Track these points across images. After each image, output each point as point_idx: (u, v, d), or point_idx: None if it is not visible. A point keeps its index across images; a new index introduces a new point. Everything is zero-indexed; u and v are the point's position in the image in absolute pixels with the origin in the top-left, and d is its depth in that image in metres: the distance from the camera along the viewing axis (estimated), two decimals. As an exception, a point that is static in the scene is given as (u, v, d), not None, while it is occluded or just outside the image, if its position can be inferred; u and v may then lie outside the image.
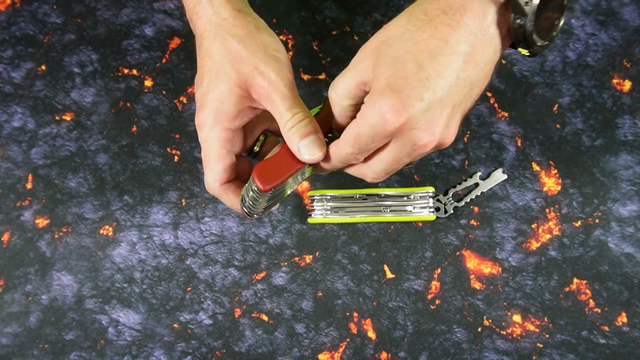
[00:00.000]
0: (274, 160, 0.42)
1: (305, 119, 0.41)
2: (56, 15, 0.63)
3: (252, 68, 0.42)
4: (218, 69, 0.43)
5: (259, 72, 0.41)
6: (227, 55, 0.43)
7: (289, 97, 0.41)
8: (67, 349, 0.57)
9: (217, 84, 0.43)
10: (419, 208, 0.57)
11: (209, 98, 0.43)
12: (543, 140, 0.59)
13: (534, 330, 0.56)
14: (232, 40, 0.43)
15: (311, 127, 0.41)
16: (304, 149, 0.41)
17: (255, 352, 0.57)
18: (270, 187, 0.41)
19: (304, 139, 0.41)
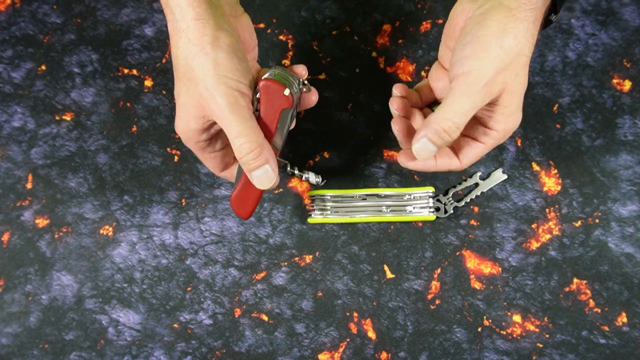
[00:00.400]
0: (244, 189, 0.46)
1: (254, 149, 0.42)
2: (56, 15, 0.63)
3: (202, 90, 0.41)
4: (180, 84, 0.43)
5: (209, 96, 0.41)
6: (185, 73, 0.42)
7: (235, 123, 0.41)
8: (67, 349, 0.57)
9: (182, 102, 0.43)
10: (419, 208, 0.57)
11: (178, 111, 0.44)
12: (543, 140, 0.59)
13: (534, 330, 0.56)
14: (187, 57, 0.41)
15: (261, 158, 0.42)
16: (255, 180, 0.44)
17: (255, 352, 0.57)
18: (250, 215, 0.47)
19: (254, 170, 0.43)
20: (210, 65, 0.41)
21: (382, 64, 0.61)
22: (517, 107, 0.44)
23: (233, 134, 0.41)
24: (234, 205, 0.47)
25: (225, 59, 0.41)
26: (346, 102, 0.61)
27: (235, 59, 0.42)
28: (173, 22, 0.42)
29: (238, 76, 0.42)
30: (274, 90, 0.44)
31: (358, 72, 0.61)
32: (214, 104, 0.41)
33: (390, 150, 0.60)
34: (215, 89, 0.41)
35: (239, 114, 0.41)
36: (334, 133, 0.60)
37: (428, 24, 0.62)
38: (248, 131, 0.42)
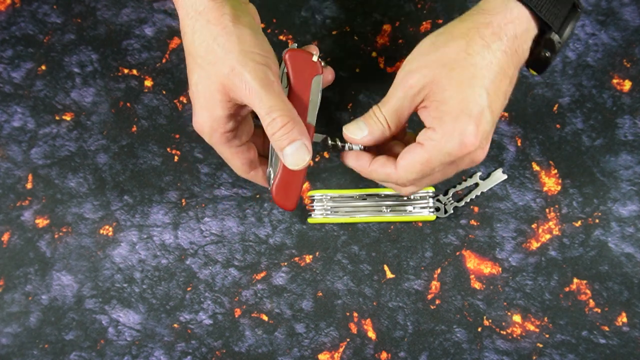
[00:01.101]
0: (283, 178, 0.43)
1: (287, 123, 0.40)
2: (56, 15, 0.63)
3: (228, 69, 0.39)
4: (201, 72, 0.41)
5: (235, 74, 0.39)
6: (204, 56, 0.40)
7: (266, 98, 0.39)
8: (67, 349, 0.57)
9: (202, 90, 0.41)
10: (419, 208, 0.57)
11: (199, 102, 0.42)
12: (543, 140, 0.59)
13: (534, 330, 0.56)
14: (207, 39, 0.40)
15: (295, 132, 0.40)
16: (288, 158, 0.41)
17: (255, 352, 0.57)
18: (295, 206, 0.44)
19: (287, 147, 0.40)
20: (235, 42, 0.39)
21: (382, 64, 0.61)
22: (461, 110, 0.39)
23: (264, 110, 0.39)
24: (277, 196, 0.43)
25: (249, 34, 0.40)
26: (346, 102, 0.61)
27: (258, 35, 0.41)
28: (186, 6, 0.41)
29: (263, 51, 0.40)
30: (302, 59, 0.42)
31: (358, 72, 0.61)
32: (242, 81, 0.39)
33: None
34: (243, 66, 0.39)
35: (269, 88, 0.39)
36: (334, 133, 0.60)
37: (428, 24, 0.62)
38: (280, 105, 0.40)
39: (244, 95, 0.40)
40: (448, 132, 0.39)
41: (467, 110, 0.39)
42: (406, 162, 0.41)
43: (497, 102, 0.40)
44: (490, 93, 0.39)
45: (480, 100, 0.39)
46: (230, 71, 0.39)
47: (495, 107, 0.40)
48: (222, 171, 0.59)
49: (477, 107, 0.39)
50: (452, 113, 0.39)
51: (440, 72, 0.40)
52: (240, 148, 0.44)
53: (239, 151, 0.44)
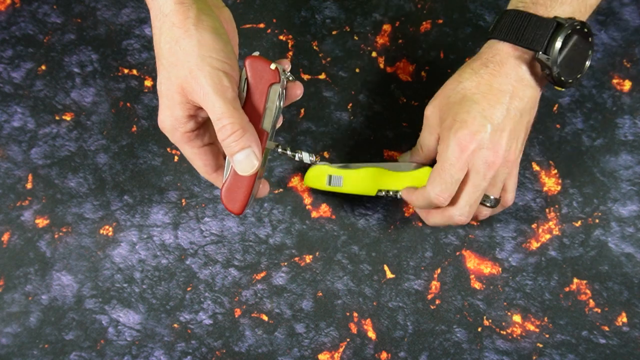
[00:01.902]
0: (234, 180, 0.45)
1: (237, 130, 0.41)
2: (56, 15, 0.63)
3: (186, 72, 0.41)
4: (164, 73, 0.42)
5: (192, 77, 0.40)
6: (167, 58, 0.42)
7: (218, 104, 0.40)
8: (67, 349, 0.57)
9: (165, 90, 0.43)
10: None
11: (161, 102, 0.43)
12: (543, 140, 0.59)
13: (534, 330, 0.56)
14: (170, 41, 0.41)
15: (244, 140, 0.42)
16: (237, 165, 0.43)
17: (255, 352, 0.57)
18: (242, 210, 0.45)
19: (236, 153, 0.42)
20: (194, 45, 0.40)
21: (382, 64, 0.61)
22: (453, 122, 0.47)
23: (216, 116, 0.41)
24: (225, 198, 0.45)
25: (209, 39, 0.41)
26: (346, 102, 0.61)
27: (219, 40, 0.41)
28: (155, 8, 0.42)
29: (222, 56, 0.41)
30: (260, 66, 0.43)
31: (358, 72, 0.61)
32: (198, 84, 0.40)
33: (390, 150, 0.60)
34: (200, 69, 0.40)
35: (222, 94, 0.40)
36: (334, 133, 0.60)
37: (428, 24, 0.62)
38: (231, 112, 0.41)
39: (199, 98, 0.41)
40: (447, 141, 0.47)
41: (460, 120, 0.46)
42: (429, 178, 0.48)
43: (496, 111, 0.46)
44: (481, 103, 0.46)
45: (470, 110, 0.46)
46: (188, 74, 0.41)
47: (494, 115, 0.46)
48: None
49: (470, 116, 0.46)
50: (448, 126, 0.47)
51: (441, 102, 0.49)
52: (203, 149, 0.45)
53: (201, 152, 0.46)
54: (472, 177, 0.47)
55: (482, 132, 0.46)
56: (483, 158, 0.46)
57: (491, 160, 0.46)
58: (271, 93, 0.44)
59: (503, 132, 0.46)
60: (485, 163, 0.46)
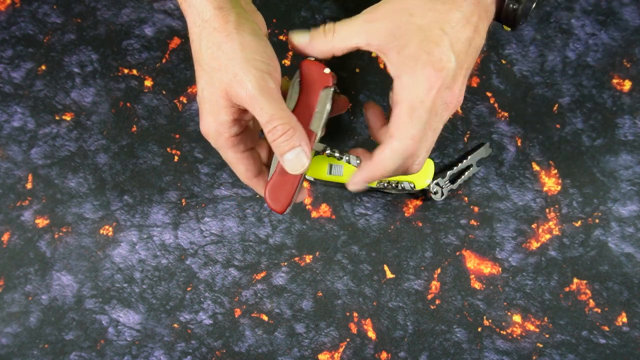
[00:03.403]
0: (279, 179, 0.44)
1: (287, 130, 0.41)
2: (56, 15, 0.63)
3: (231, 77, 0.41)
4: (206, 78, 0.42)
5: (237, 81, 0.40)
6: (209, 63, 0.42)
7: (267, 106, 0.40)
8: (67, 349, 0.57)
9: (208, 95, 0.42)
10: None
11: (205, 106, 0.43)
12: (543, 140, 0.59)
13: (534, 330, 0.56)
14: (212, 46, 0.41)
15: (294, 139, 0.41)
16: (287, 164, 0.42)
17: (255, 352, 0.57)
18: (285, 209, 0.44)
19: (287, 152, 0.42)
20: (238, 48, 0.40)
21: (382, 64, 0.61)
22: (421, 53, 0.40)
23: (265, 118, 0.40)
24: (269, 197, 0.44)
25: (252, 41, 0.41)
26: (346, 102, 0.61)
27: (261, 42, 0.42)
28: (193, 15, 0.42)
29: (265, 58, 0.41)
30: (314, 70, 0.44)
31: (358, 72, 0.61)
32: (244, 88, 0.40)
33: (390, 150, 0.60)
34: (245, 72, 0.40)
35: (270, 96, 0.40)
36: (334, 133, 0.60)
37: (428, 24, 0.62)
38: (281, 114, 0.41)
39: (245, 102, 0.41)
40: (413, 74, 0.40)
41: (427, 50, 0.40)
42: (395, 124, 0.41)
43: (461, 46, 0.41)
44: (449, 34, 0.40)
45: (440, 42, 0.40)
46: (232, 78, 0.40)
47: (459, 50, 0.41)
48: (222, 171, 0.59)
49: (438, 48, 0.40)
50: (413, 56, 0.40)
51: (400, 18, 0.41)
52: (245, 154, 0.45)
53: (244, 157, 0.45)
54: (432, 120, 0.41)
55: (448, 68, 0.40)
56: (443, 98, 0.41)
57: (449, 100, 0.41)
58: (322, 96, 0.44)
59: (461, 69, 0.41)
60: (444, 104, 0.41)
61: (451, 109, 0.42)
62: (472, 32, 0.41)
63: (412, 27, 0.41)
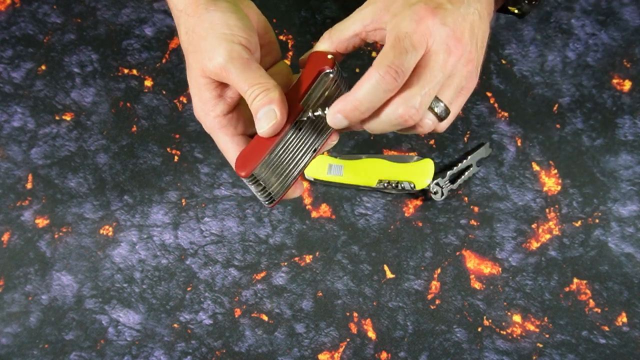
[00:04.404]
0: (253, 143, 0.42)
1: (261, 92, 0.41)
2: (56, 15, 0.63)
3: (202, 55, 0.41)
4: (188, 63, 0.44)
5: (209, 58, 0.41)
6: (187, 48, 0.43)
7: (241, 74, 0.41)
8: (67, 349, 0.57)
9: (190, 79, 0.44)
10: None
11: (191, 93, 0.44)
12: (543, 140, 0.59)
13: (534, 330, 0.56)
14: (188, 32, 0.43)
15: (266, 99, 0.41)
16: (257, 123, 0.41)
17: (255, 352, 0.57)
18: (247, 173, 0.41)
19: (259, 110, 0.41)
20: (208, 27, 0.42)
21: (382, 64, 0.61)
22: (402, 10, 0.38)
23: (240, 85, 0.41)
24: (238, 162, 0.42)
25: (221, 17, 0.42)
26: (346, 102, 0.61)
27: (232, 17, 0.42)
28: (172, 9, 0.44)
29: (237, 31, 0.42)
30: (320, 56, 0.43)
31: (358, 72, 0.61)
32: (215, 61, 0.41)
33: (391, 150, 0.60)
34: (214, 48, 0.41)
35: (242, 64, 0.41)
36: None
37: (428, 24, 0.62)
38: (256, 79, 0.41)
39: (220, 75, 0.42)
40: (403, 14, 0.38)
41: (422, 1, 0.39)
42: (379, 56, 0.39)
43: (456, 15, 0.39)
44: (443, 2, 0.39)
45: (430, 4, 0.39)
46: (205, 55, 0.41)
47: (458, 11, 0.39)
48: (222, 171, 0.59)
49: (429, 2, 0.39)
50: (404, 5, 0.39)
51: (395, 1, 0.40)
52: (237, 138, 0.45)
53: (235, 141, 0.45)
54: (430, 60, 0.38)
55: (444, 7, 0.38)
56: (444, 35, 0.38)
57: (452, 43, 0.38)
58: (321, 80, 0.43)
59: (465, 22, 0.39)
60: (446, 44, 0.38)
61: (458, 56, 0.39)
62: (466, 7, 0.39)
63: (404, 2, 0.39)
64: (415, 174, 0.57)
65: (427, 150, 0.60)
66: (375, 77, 0.37)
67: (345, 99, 0.39)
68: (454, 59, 0.38)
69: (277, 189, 0.44)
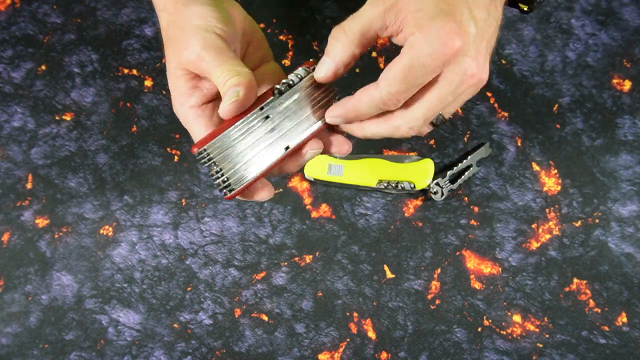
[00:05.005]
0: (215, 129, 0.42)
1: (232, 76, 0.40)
2: (56, 15, 0.63)
3: (181, 46, 0.42)
4: (167, 58, 0.44)
5: (185, 47, 0.42)
6: (166, 43, 0.44)
7: (215, 61, 0.41)
8: (67, 349, 0.57)
9: (168, 70, 0.44)
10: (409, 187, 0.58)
11: (169, 80, 0.44)
12: (543, 140, 0.59)
13: (534, 330, 0.56)
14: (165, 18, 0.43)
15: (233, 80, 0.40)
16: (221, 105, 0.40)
17: (255, 352, 0.57)
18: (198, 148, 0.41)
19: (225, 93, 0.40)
20: (185, 20, 0.42)
21: (382, 64, 0.61)
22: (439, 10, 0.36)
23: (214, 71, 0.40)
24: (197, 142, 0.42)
25: (199, 10, 0.42)
26: (346, 102, 0.61)
27: (209, 9, 0.43)
28: (156, 10, 0.45)
29: (212, 21, 0.42)
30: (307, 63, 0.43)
31: (358, 72, 0.61)
32: (191, 50, 0.41)
33: (391, 150, 0.60)
34: (192, 37, 0.41)
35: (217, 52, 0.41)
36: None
37: (428, 24, 0.62)
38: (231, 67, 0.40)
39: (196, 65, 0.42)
40: (426, 31, 0.36)
41: (445, 9, 0.36)
42: (387, 73, 0.37)
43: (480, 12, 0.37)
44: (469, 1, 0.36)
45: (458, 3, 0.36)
46: (182, 45, 0.42)
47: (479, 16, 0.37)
48: (222, 171, 0.59)
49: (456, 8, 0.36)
50: (429, 14, 0.36)
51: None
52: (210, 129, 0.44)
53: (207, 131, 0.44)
54: (442, 87, 0.37)
55: (470, 30, 0.36)
56: (464, 67, 0.36)
57: (472, 71, 0.37)
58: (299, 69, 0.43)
59: (483, 40, 0.37)
60: (465, 74, 0.37)
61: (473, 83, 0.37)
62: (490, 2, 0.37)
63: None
64: (415, 174, 0.57)
65: (427, 150, 0.60)
66: (378, 98, 0.38)
67: (346, 107, 0.41)
68: (467, 85, 0.37)
69: (235, 178, 0.43)
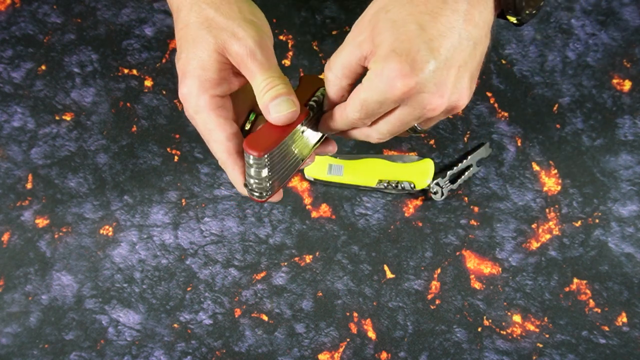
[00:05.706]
0: (263, 130, 0.42)
1: (278, 84, 0.41)
2: (56, 15, 0.63)
3: (229, 34, 0.41)
4: (195, 37, 0.42)
5: (236, 39, 0.41)
6: (203, 22, 0.42)
7: (264, 63, 0.41)
8: (67, 349, 0.57)
9: (197, 52, 0.42)
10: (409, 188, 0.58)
11: (190, 67, 0.42)
12: (543, 140, 0.59)
13: (534, 330, 0.56)
14: (208, 8, 0.42)
15: (283, 90, 0.41)
16: (272, 108, 0.41)
17: (255, 352, 0.57)
18: (263, 152, 0.40)
19: (273, 100, 0.41)
20: (236, 10, 0.42)
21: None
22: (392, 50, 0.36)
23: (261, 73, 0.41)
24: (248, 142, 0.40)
25: (248, 5, 0.43)
26: (346, 102, 0.61)
27: (256, 9, 0.43)
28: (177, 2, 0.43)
29: (263, 22, 0.43)
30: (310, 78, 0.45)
31: (358, 72, 0.61)
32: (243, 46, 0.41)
33: (391, 150, 0.60)
34: (245, 31, 0.41)
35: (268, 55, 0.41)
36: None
37: (428, 24, 0.62)
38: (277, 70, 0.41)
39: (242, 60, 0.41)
40: (378, 71, 0.37)
41: (398, 49, 0.36)
42: (350, 100, 0.40)
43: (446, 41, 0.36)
44: (428, 30, 0.36)
45: (414, 38, 0.36)
46: (232, 36, 0.41)
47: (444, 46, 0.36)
48: (222, 171, 0.59)
49: (411, 46, 0.36)
50: (383, 54, 0.37)
51: (377, 16, 0.38)
52: (229, 121, 0.43)
53: (227, 123, 0.43)
54: (403, 116, 0.39)
55: (424, 70, 0.36)
56: (423, 103, 0.37)
57: (433, 106, 0.37)
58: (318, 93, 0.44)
59: (450, 69, 0.37)
60: (424, 109, 0.38)
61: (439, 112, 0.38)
62: (462, 23, 0.37)
63: (387, 25, 0.37)
64: (415, 174, 0.57)
65: (427, 150, 0.60)
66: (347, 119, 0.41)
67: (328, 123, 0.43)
68: (431, 114, 0.38)
69: (275, 184, 0.43)
